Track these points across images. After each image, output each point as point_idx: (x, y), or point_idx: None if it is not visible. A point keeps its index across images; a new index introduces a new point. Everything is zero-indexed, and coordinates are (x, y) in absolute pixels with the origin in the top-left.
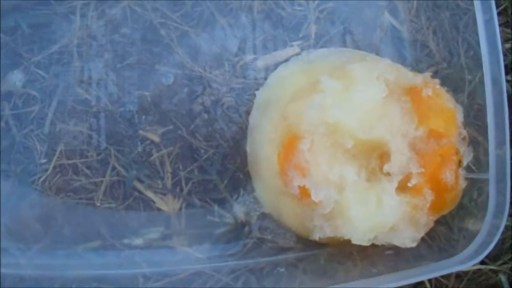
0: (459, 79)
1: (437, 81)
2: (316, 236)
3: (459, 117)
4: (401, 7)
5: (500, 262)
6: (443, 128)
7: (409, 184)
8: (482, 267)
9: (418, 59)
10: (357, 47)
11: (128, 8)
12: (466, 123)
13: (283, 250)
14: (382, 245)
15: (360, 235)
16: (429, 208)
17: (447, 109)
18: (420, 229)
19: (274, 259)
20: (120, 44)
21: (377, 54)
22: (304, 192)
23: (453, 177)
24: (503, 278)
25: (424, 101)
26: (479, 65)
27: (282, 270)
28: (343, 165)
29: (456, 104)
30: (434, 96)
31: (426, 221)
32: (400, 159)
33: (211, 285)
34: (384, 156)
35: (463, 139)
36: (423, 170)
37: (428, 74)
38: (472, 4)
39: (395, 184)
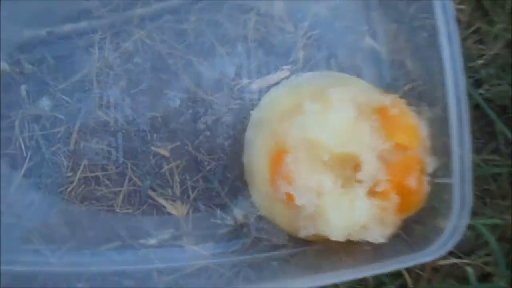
0: (434, 94)
1: (403, 101)
2: (302, 234)
3: (423, 131)
4: (380, 31)
5: (473, 256)
6: (407, 142)
7: (378, 190)
8: (458, 260)
9: (396, 77)
10: (341, 69)
11: (139, 41)
12: (443, 133)
13: (277, 247)
14: (363, 243)
15: (336, 233)
16: (396, 209)
17: (411, 125)
18: (388, 227)
19: (269, 255)
20: (133, 72)
21: (358, 74)
22: (290, 198)
23: (416, 183)
24: (470, 270)
25: (391, 119)
26: (451, 81)
27: (276, 264)
28: (321, 175)
29: (420, 120)
30: (399, 114)
31: (393, 220)
32: (370, 168)
33: (215, 278)
34: (356, 166)
35: (427, 150)
36: (389, 177)
37: (395, 96)
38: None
39: (366, 190)
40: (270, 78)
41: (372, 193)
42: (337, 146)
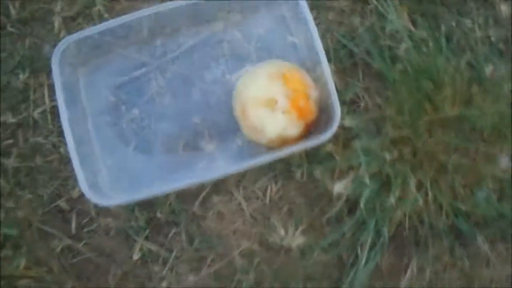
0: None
1: (294, 68)
2: (263, 142)
3: (308, 81)
4: (296, 31)
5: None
6: (297, 87)
7: (286, 110)
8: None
9: (308, 57)
10: (277, 58)
11: (174, 71)
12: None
13: (261, 152)
14: (299, 139)
15: (271, 134)
16: (297, 118)
17: (298, 79)
18: (297, 127)
19: (259, 155)
20: (174, 86)
21: (287, 59)
22: (249, 123)
23: (304, 105)
24: (357, 143)
25: (288, 77)
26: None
27: (262, 158)
28: (260, 109)
29: (305, 76)
30: (291, 75)
31: (299, 124)
32: (282, 102)
33: (233, 172)
34: (276, 102)
35: (312, 89)
36: (291, 104)
37: (291, 66)
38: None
39: (281, 112)
40: (240, 72)
41: (284, 112)
42: (264, 95)
